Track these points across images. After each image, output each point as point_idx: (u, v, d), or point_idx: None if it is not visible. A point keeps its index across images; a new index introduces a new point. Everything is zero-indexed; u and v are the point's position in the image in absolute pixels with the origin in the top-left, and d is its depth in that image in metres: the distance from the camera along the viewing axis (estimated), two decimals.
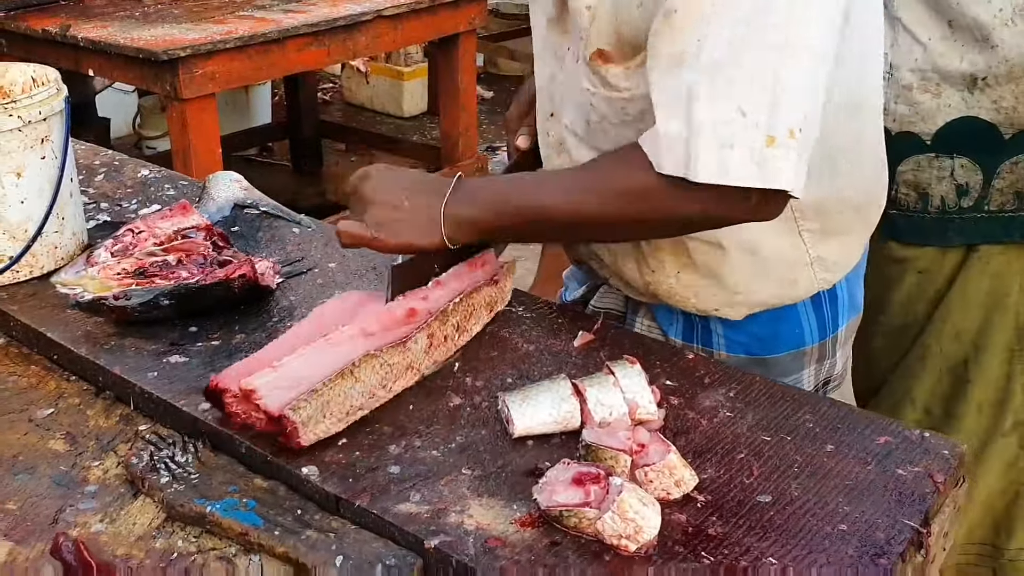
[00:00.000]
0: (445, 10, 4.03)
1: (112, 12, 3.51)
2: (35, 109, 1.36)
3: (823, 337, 1.35)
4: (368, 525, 0.97)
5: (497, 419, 1.11)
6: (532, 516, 0.96)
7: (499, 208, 1.19)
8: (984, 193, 1.69)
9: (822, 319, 1.34)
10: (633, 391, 1.10)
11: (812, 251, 1.29)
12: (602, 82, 1.20)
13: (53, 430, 1.15)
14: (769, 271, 1.28)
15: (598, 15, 1.16)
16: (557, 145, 1.33)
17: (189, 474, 1.04)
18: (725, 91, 1.01)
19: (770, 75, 1.01)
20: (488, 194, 1.21)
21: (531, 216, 1.17)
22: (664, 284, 1.30)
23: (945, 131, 1.69)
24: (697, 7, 1.02)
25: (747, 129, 1.01)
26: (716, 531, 0.95)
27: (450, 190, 1.18)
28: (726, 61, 1.01)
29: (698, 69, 1.02)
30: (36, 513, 1.02)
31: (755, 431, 1.10)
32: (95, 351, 1.24)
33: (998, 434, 1.79)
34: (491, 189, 1.23)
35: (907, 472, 1.04)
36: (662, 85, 1.06)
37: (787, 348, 1.33)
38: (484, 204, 1.19)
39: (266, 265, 1.38)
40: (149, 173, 1.84)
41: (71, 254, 1.47)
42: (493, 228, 1.20)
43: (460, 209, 1.17)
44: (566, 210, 1.15)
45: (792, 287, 1.30)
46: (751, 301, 1.30)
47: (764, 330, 1.32)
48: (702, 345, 1.35)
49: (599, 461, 1.00)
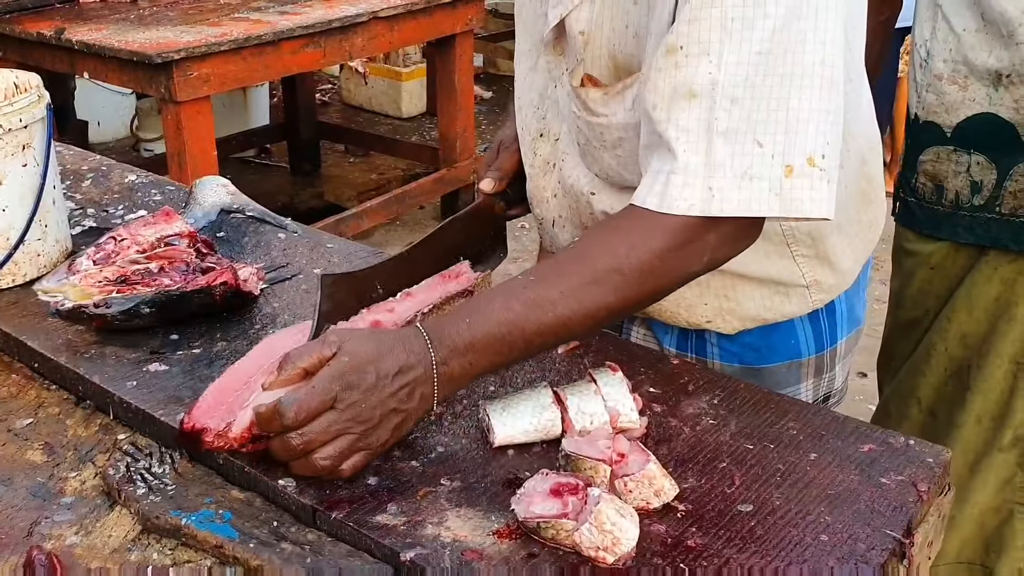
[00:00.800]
0: (442, 11, 4.03)
1: (107, 15, 3.51)
2: (15, 116, 1.35)
3: (820, 350, 1.33)
4: (344, 537, 0.96)
5: (478, 428, 1.10)
6: (510, 527, 0.95)
7: (506, 343, 1.02)
8: (996, 193, 1.67)
9: (819, 331, 1.32)
10: (615, 399, 1.09)
11: (808, 275, 1.27)
12: (583, 106, 1.19)
13: (32, 440, 1.14)
14: (761, 289, 1.27)
15: (592, 40, 1.16)
16: (544, 164, 1.32)
17: (166, 485, 1.03)
18: (742, 125, 1.00)
19: (783, 104, 1.00)
20: (485, 338, 1.02)
21: (547, 334, 1.04)
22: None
23: (965, 125, 1.68)
24: (704, 42, 1.00)
25: (764, 160, 1.00)
26: (696, 542, 0.94)
27: (434, 362, 1.00)
28: (741, 94, 0.99)
29: (713, 104, 1.00)
30: (11, 525, 1.01)
31: (738, 439, 1.09)
32: (75, 360, 1.24)
33: (995, 448, 1.76)
34: (483, 330, 1.02)
35: (891, 481, 1.02)
36: (673, 121, 1.02)
37: (782, 359, 1.32)
38: (485, 350, 1.02)
39: (249, 272, 1.37)
40: (136, 178, 1.84)
41: (54, 261, 1.46)
42: (501, 365, 1.06)
43: (458, 371, 1.02)
44: (584, 313, 1.03)
45: (784, 303, 1.28)
46: (742, 315, 1.29)
47: (758, 340, 1.31)
48: (696, 355, 1.34)
49: (578, 471, 0.99)
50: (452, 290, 1.26)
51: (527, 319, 1.02)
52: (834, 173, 1.02)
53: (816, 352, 1.34)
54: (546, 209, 1.34)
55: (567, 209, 1.31)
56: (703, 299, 1.27)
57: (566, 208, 1.31)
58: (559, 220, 1.33)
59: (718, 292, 1.26)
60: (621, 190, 1.21)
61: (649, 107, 1.04)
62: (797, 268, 1.26)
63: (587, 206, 1.27)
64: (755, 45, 0.99)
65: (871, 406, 3.18)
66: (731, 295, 1.27)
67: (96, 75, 3.37)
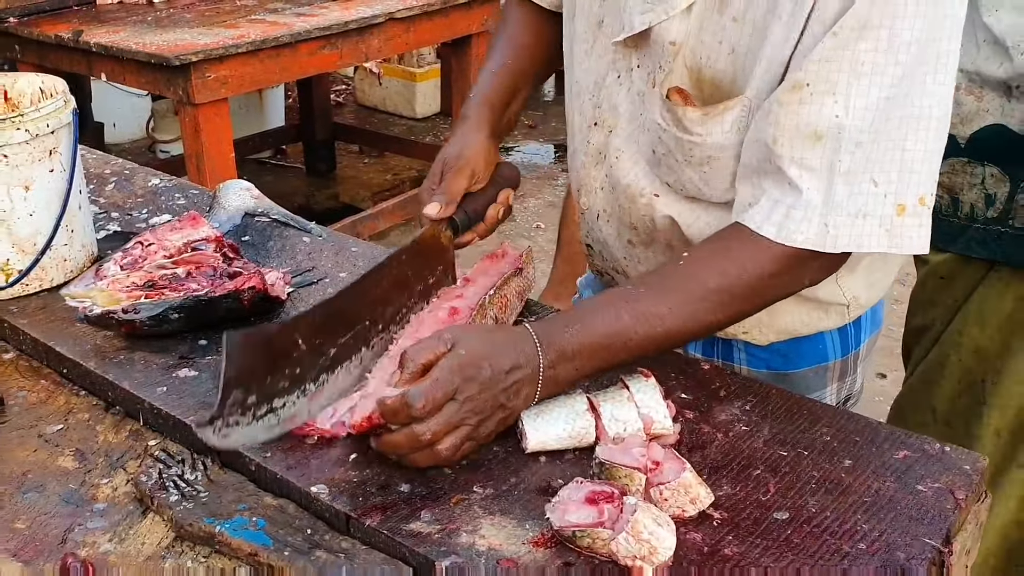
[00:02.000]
0: (457, 11, 4.02)
1: (124, 17, 3.51)
2: (43, 122, 1.35)
3: (846, 353, 1.34)
4: (378, 545, 0.96)
5: (510, 435, 1.09)
6: (545, 536, 0.94)
7: (612, 350, 1.06)
8: (1008, 207, 1.66)
9: (845, 336, 1.33)
10: (648, 406, 1.08)
11: (848, 294, 1.28)
12: (675, 121, 1.16)
13: (62, 447, 1.14)
14: (801, 307, 1.28)
15: (681, 51, 1.14)
16: (596, 154, 1.30)
17: (198, 492, 1.03)
18: (862, 166, 1.03)
19: (899, 146, 1.03)
20: (592, 345, 1.06)
21: (651, 346, 1.08)
22: None
23: (978, 136, 1.67)
24: (833, 82, 1.02)
25: (878, 199, 1.04)
26: (732, 550, 0.93)
27: (541, 364, 1.04)
28: (865, 139, 1.02)
29: (839, 148, 1.03)
30: (45, 533, 1.01)
31: (772, 446, 1.08)
32: (104, 365, 1.24)
33: (1014, 464, 1.74)
34: (591, 338, 1.06)
35: (927, 488, 1.02)
36: (797, 159, 1.05)
37: (809, 363, 1.32)
38: (591, 357, 1.06)
39: (276, 276, 1.37)
40: (160, 182, 1.84)
41: (81, 266, 1.46)
42: (604, 371, 1.10)
43: (563, 375, 1.06)
44: (691, 329, 1.09)
45: (821, 319, 1.30)
46: (778, 329, 1.29)
47: (786, 346, 1.31)
48: (723, 360, 1.34)
49: (613, 479, 0.98)
50: (506, 270, 1.28)
51: (635, 331, 1.06)
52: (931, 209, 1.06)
53: (842, 356, 1.34)
54: (593, 200, 1.33)
55: (613, 205, 1.30)
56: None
57: (612, 204, 1.30)
58: (604, 214, 1.32)
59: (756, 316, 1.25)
60: (691, 200, 1.21)
61: (769, 139, 1.06)
62: (838, 288, 1.27)
63: (644, 208, 1.25)
64: (883, 91, 1.01)
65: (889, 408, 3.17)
66: (770, 311, 1.24)
67: (114, 77, 3.37)
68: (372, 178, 5.35)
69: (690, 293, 1.07)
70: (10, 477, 1.09)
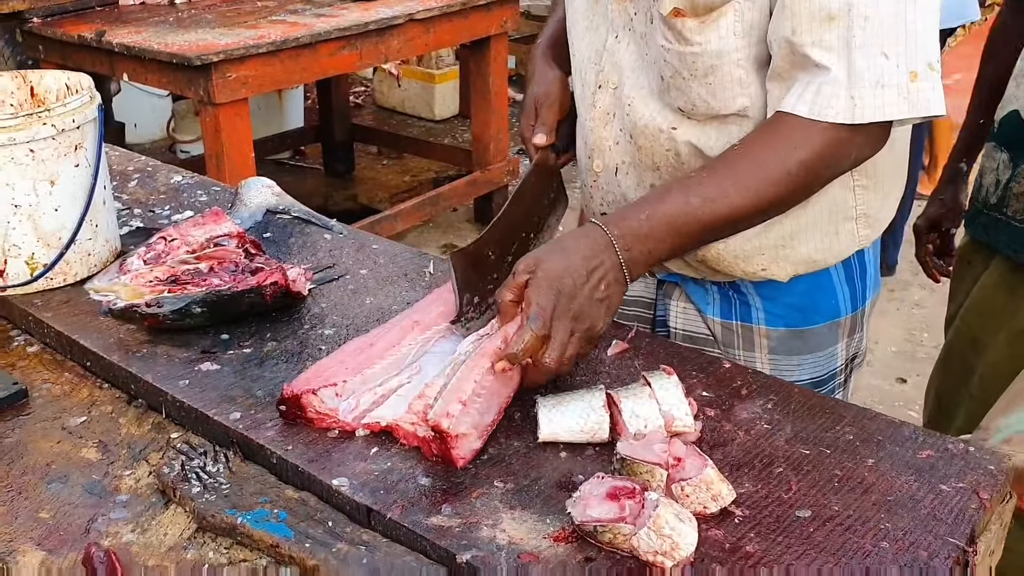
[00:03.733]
0: (476, 13, 4.03)
1: (146, 17, 3.54)
2: (69, 117, 1.36)
3: (855, 308, 1.40)
4: (399, 538, 0.96)
5: (530, 430, 1.10)
6: (566, 531, 0.94)
7: (682, 233, 1.15)
8: (1004, 193, 1.68)
9: (854, 289, 1.39)
10: (669, 403, 1.08)
11: (860, 206, 1.33)
12: (677, 36, 1.22)
13: (86, 438, 1.15)
14: (816, 221, 1.32)
15: None
16: (604, 116, 1.36)
17: (220, 484, 1.04)
18: (873, 39, 1.12)
19: (901, 19, 1.12)
20: (664, 227, 1.15)
21: (719, 225, 1.16)
22: (713, 249, 1.33)
23: (1003, 121, 1.70)
24: None
25: (891, 69, 1.12)
26: (754, 548, 0.93)
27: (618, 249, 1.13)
28: (871, 13, 1.11)
29: (851, 24, 1.12)
30: (69, 523, 1.02)
31: (793, 444, 1.08)
32: (127, 358, 1.24)
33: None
34: (663, 221, 1.15)
35: (951, 487, 1.01)
36: (817, 41, 1.13)
37: (823, 319, 1.38)
38: (664, 238, 1.14)
39: (297, 272, 1.38)
40: (182, 179, 1.85)
41: (104, 261, 1.48)
42: (674, 253, 1.19)
43: (640, 257, 1.14)
44: (755, 205, 1.16)
45: (834, 240, 1.34)
46: (796, 257, 1.33)
47: (802, 300, 1.36)
48: (741, 321, 1.38)
49: (634, 475, 0.98)
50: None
51: (703, 210, 1.14)
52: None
53: (852, 311, 1.41)
54: (608, 158, 1.38)
55: (633, 155, 1.35)
56: (760, 249, 1.33)
57: (631, 153, 1.35)
58: (623, 166, 1.36)
59: (776, 241, 1.32)
60: (705, 122, 1.27)
61: (788, 32, 1.15)
62: (853, 199, 1.33)
63: (666, 142, 1.30)
64: None
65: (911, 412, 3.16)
66: (788, 243, 1.33)
67: (135, 77, 3.39)
68: (390, 179, 5.36)
69: (750, 172, 1.15)
70: (34, 468, 1.10)
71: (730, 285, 1.39)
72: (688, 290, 1.41)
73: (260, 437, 1.08)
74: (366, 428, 1.09)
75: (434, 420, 1.02)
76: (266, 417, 1.12)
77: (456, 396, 1.04)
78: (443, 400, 1.04)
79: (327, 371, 1.13)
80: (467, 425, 1.03)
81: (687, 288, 1.41)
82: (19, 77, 1.53)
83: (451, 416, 1.02)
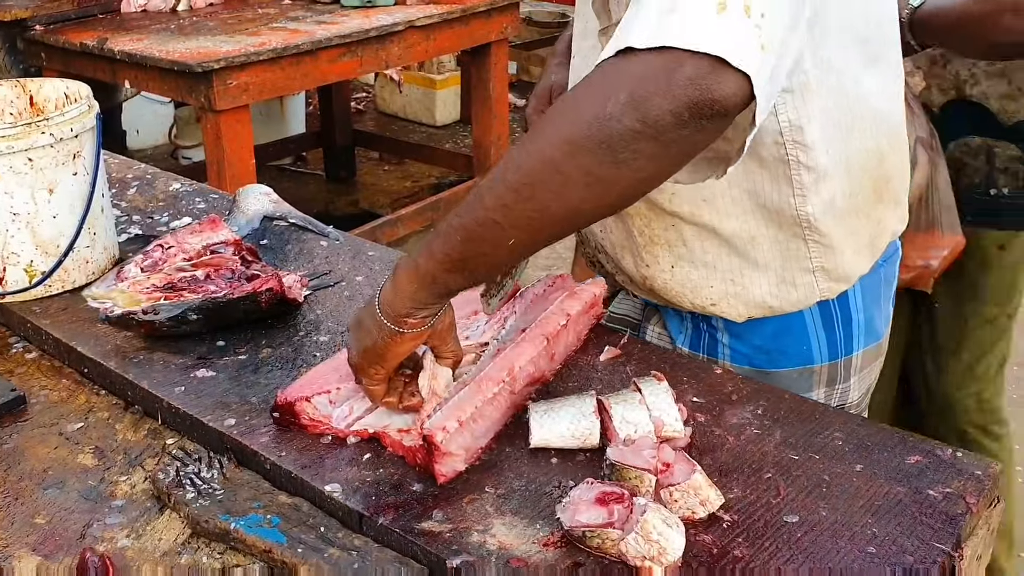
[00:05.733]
0: (477, 19, 4.04)
1: (148, 25, 3.55)
2: (67, 126, 1.38)
3: (834, 357, 1.30)
4: (391, 543, 0.97)
5: (521, 436, 1.10)
6: (555, 536, 0.95)
7: (444, 237, 0.99)
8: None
9: (833, 338, 1.29)
10: (659, 408, 1.09)
11: (815, 258, 1.24)
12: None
13: (82, 444, 1.16)
14: (766, 263, 1.24)
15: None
16: None
17: (214, 490, 1.05)
18: None
19: None
20: (428, 241, 1.01)
21: (481, 214, 0.96)
22: (659, 279, 1.29)
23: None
24: None
25: None
26: (742, 552, 0.94)
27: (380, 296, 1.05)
28: None
29: None
30: (64, 528, 1.03)
31: (783, 449, 1.09)
32: (124, 365, 1.26)
33: None
34: (442, 225, 1.01)
35: (939, 493, 1.02)
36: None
37: (793, 364, 1.29)
38: (424, 250, 1.01)
39: (293, 279, 1.39)
40: (180, 186, 1.86)
41: (102, 268, 1.49)
42: (450, 259, 1.00)
43: (418, 269, 1.02)
44: (504, 182, 0.94)
45: (791, 289, 1.26)
46: (747, 300, 1.26)
47: (769, 343, 1.29)
48: (708, 355, 1.33)
49: (623, 480, 0.99)
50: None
51: (467, 202, 0.98)
52: (771, 49, 0.90)
53: (829, 360, 1.31)
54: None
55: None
56: (709, 281, 1.26)
57: None
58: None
59: (725, 276, 1.25)
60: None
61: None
62: (807, 250, 1.23)
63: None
64: None
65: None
66: (738, 280, 1.25)
67: (137, 84, 3.41)
68: (392, 185, 5.38)
69: (515, 149, 0.96)
70: (31, 473, 1.11)
71: (702, 316, 1.32)
72: (665, 317, 1.37)
73: (254, 443, 1.09)
74: (356, 435, 1.10)
75: (429, 430, 1.03)
76: (260, 423, 1.13)
77: (456, 414, 1.05)
78: (442, 413, 1.05)
79: (321, 378, 1.15)
80: (457, 446, 1.04)
81: (665, 315, 1.37)
82: (18, 86, 1.55)
83: (447, 431, 1.02)
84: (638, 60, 0.89)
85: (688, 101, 0.88)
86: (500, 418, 1.11)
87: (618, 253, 1.34)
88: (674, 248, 1.26)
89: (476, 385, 1.10)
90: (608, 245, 1.35)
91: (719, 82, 0.88)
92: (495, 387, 1.10)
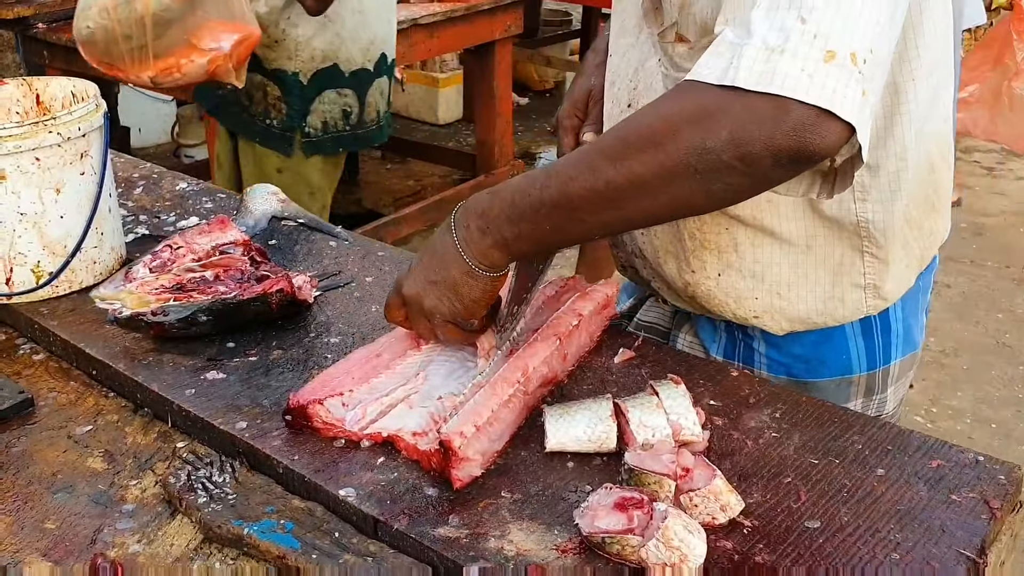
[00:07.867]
0: (480, 18, 4.03)
1: None
2: (74, 125, 1.36)
3: (872, 367, 1.29)
4: (406, 549, 0.95)
5: (537, 440, 1.09)
6: (573, 542, 0.94)
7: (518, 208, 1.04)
8: None
9: (872, 347, 1.28)
10: (677, 412, 1.07)
11: (869, 275, 1.24)
12: (670, 62, 1.17)
13: (92, 447, 1.15)
14: (817, 277, 1.23)
15: (686, 5, 1.12)
16: None
17: (226, 494, 1.03)
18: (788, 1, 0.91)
19: None
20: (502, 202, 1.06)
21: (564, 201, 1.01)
22: (703, 286, 1.26)
23: None
24: None
25: (804, 36, 0.89)
26: (764, 558, 0.92)
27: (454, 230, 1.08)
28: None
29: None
30: (75, 533, 1.01)
31: (802, 453, 1.07)
32: (133, 367, 1.24)
33: None
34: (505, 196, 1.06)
35: (961, 498, 1.00)
36: (729, 18, 0.98)
37: (832, 374, 1.28)
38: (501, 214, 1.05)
39: (303, 279, 1.37)
40: (187, 186, 1.85)
41: (110, 269, 1.47)
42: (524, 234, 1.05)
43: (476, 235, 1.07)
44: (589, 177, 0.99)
45: (838, 305, 1.25)
46: (792, 312, 1.25)
47: (808, 351, 1.28)
48: (743, 363, 1.32)
49: (642, 485, 0.97)
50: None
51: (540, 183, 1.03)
52: (873, 92, 0.92)
53: (868, 370, 1.30)
54: None
55: None
56: (755, 292, 1.24)
57: None
58: None
59: (772, 288, 1.24)
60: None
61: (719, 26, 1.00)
62: (862, 265, 1.23)
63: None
64: None
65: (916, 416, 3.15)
66: (784, 293, 1.24)
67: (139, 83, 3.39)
68: (395, 184, 5.36)
69: (594, 144, 1.03)
70: (40, 477, 1.09)
71: (738, 325, 1.30)
72: (698, 325, 1.35)
73: (266, 447, 1.08)
74: (369, 439, 1.09)
75: (447, 435, 1.01)
76: (272, 426, 1.12)
77: (473, 419, 1.03)
78: (459, 418, 1.04)
79: (333, 380, 1.13)
80: (475, 450, 1.02)
81: (697, 323, 1.35)
82: (25, 84, 1.53)
83: (464, 436, 1.01)
84: (743, 99, 0.91)
85: (789, 149, 0.90)
86: (515, 421, 1.10)
87: (660, 258, 1.30)
88: (724, 254, 1.24)
89: (491, 388, 1.09)
90: (649, 250, 1.32)
91: (822, 133, 0.90)
92: (510, 389, 1.08)
